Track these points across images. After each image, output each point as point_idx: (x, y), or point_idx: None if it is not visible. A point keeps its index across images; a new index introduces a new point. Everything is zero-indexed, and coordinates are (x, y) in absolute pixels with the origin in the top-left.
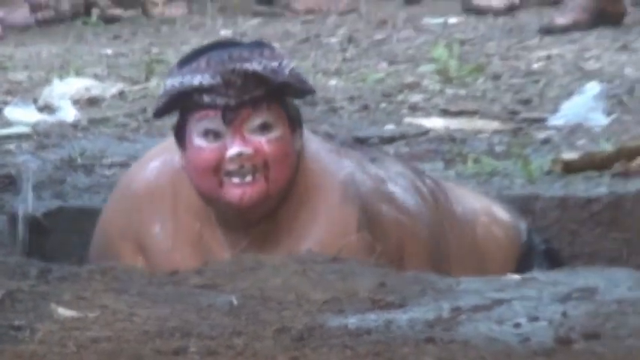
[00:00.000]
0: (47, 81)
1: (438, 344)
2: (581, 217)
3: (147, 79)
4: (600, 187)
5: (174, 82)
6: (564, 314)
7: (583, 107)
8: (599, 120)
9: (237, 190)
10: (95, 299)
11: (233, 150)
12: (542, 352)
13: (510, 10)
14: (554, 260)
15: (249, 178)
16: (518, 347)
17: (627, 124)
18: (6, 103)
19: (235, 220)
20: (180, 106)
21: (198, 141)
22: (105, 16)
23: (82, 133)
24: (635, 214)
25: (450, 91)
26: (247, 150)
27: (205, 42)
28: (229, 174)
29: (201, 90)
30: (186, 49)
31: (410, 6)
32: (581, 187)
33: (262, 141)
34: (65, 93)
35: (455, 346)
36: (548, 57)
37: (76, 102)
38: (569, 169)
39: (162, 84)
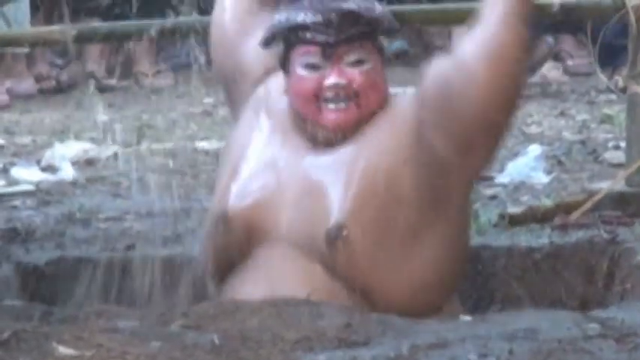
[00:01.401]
0: (49, 144)
1: None
2: (525, 264)
3: (138, 142)
4: (542, 238)
5: (280, 17)
6: (511, 352)
7: (526, 167)
8: (541, 178)
9: (333, 114)
10: (92, 339)
11: (330, 80)
12: None
13: None
14: None
15: (342, 105)
16: None
17: (565, 181)
18: (13, 164)
19: (323, 141)
20: (284, 38)
21: (300, 71)
22: (100, 86)
23: (80, 191)
24: (573, 263)
25: None
26: (342, 81)
27: (190, 109)
28: (326, 100)
29: (303, 27)
30: (173, 115)
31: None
32: (524, 238)
33: (355, 73)
34: (65, 155)
35: None
36: None
37: (75, 163)
38: (514, 222)
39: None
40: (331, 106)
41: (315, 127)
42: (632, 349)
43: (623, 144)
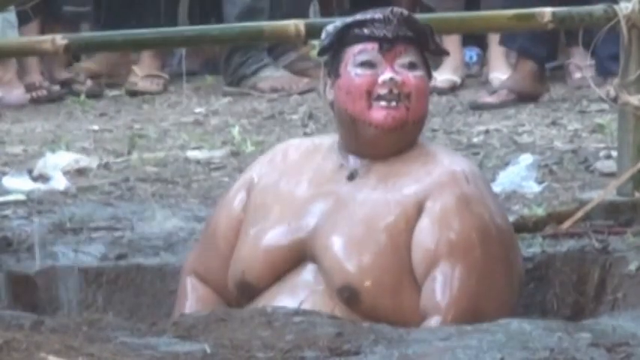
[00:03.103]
0: (41, 154)
1: None
2: None
3: (129, 152)
4: (533, 247)
5: (337, 22)
6: None
7: (517, 176)
8: (532, 187)
9: (383, 112)
10: (83, 348)
11: (386, 75)
12: None
13: (453, 89)
14: None
15: (393, 104)
16: None
17: (557, 191)
18: (4, 174)
19: (367, 146)
20: (340, 41)
21: (354, 69)
22: (92, 91)
23: (71, 200)
24: (564, 271)
25: None
26: (397, 77)
27: (181, 119)
28: (378, 98)
29: (363, 23)
30: (165, 124)
31: None
32: (518, 244)
33: (409, 75)
34: (57, 164)
35: None
36: (487, 131)
37: (66, 172)
38: None
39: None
40: (383, 103)
41: (364, 127)
42: (623, 358)
43: (614, 153)
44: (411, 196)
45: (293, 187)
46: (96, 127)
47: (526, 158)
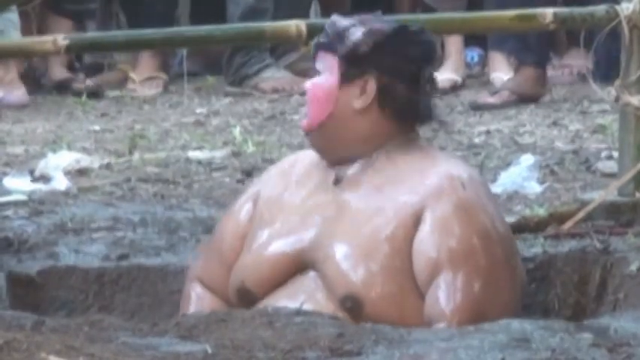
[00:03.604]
0: (42, 154)
1: None
2: None
3: (130, 152)
4: (535, 247)
5: None
6: None
7: (519, 177)
8: (534, 188)
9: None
10: (84, 348)
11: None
12: None
13: (454, 89)
14: None
15: (306, 109)
16: None
17: (558, 191)
18: (5, 174)
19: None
20: None
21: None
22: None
23: (72, 200)
24: (566, 272)
25: None
26: (308, 84)
27: (183, 119)
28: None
29: None
30: (166, 125)
31: None
32: (518, 247)
33: (310, 81)
34: (58, 165)
35: None
36: (488, 132)
37: (67, 173)
38: None
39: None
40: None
41: None
42: (624, 359)
43: (615, 154)
44: (408, 203)
45: (296, 198)
46: (97, 128)
47: (527, 159)
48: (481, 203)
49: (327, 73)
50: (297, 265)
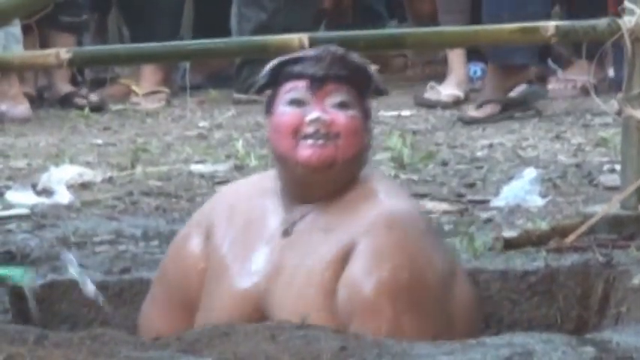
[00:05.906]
0: (44, 168)
1: None
2: (520, 288)
3: (133, 166)
4: (537, 261)
5: (274, 60)
6: None
7: (521, 190)
8: (536, 201)
9: (309, 150)
10: None
11: (313, 114)
12: None
13: (457, 103)
14: None
15: (321, 142)
16: None
17: (561, 205)
18: (8, 188)
19: (299, 188)
20: (276, 79)
21: (283, 107)
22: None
23: (75, 214)
24: (568, 285)
25: (403, 176)
26: (325, 116)
27: (185, 133)
28: (305, 137)
29: (296, 61)
30: (169, 138)
31: None
32: (520, 261)
33: (340, 114)
34: (61, 178)
35: None
36: (490, 145)
37: (70, 186)
38: (509, 245)
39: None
40: (309, 141)
41: (293, 167)
42: None
43: (618, 167)
44: (340, 244)
45: (248, 243)
46: (100, 141)
47: (530, 172)
48: (413, 237)
49: (355, 106)
50: (258, 310)
